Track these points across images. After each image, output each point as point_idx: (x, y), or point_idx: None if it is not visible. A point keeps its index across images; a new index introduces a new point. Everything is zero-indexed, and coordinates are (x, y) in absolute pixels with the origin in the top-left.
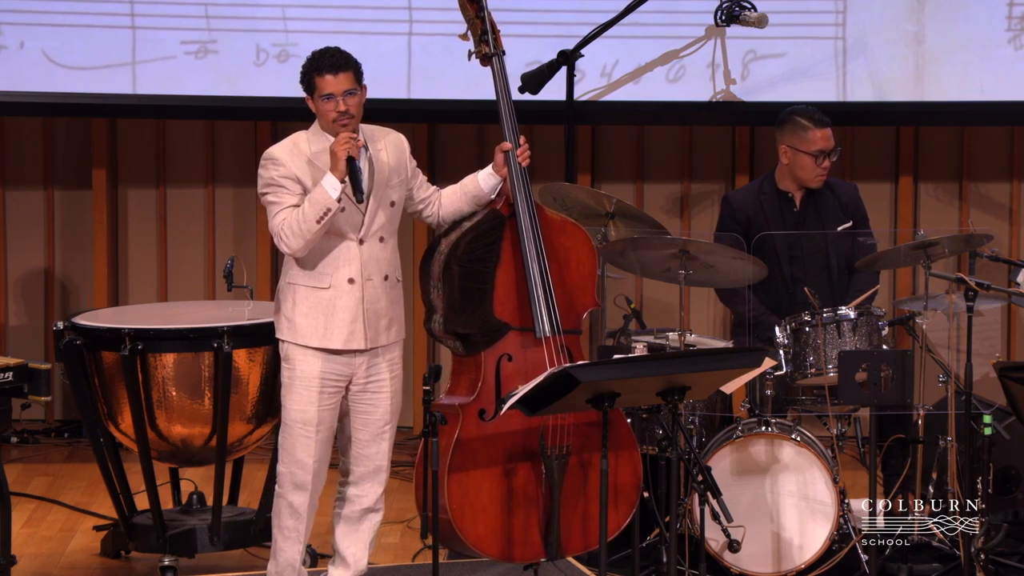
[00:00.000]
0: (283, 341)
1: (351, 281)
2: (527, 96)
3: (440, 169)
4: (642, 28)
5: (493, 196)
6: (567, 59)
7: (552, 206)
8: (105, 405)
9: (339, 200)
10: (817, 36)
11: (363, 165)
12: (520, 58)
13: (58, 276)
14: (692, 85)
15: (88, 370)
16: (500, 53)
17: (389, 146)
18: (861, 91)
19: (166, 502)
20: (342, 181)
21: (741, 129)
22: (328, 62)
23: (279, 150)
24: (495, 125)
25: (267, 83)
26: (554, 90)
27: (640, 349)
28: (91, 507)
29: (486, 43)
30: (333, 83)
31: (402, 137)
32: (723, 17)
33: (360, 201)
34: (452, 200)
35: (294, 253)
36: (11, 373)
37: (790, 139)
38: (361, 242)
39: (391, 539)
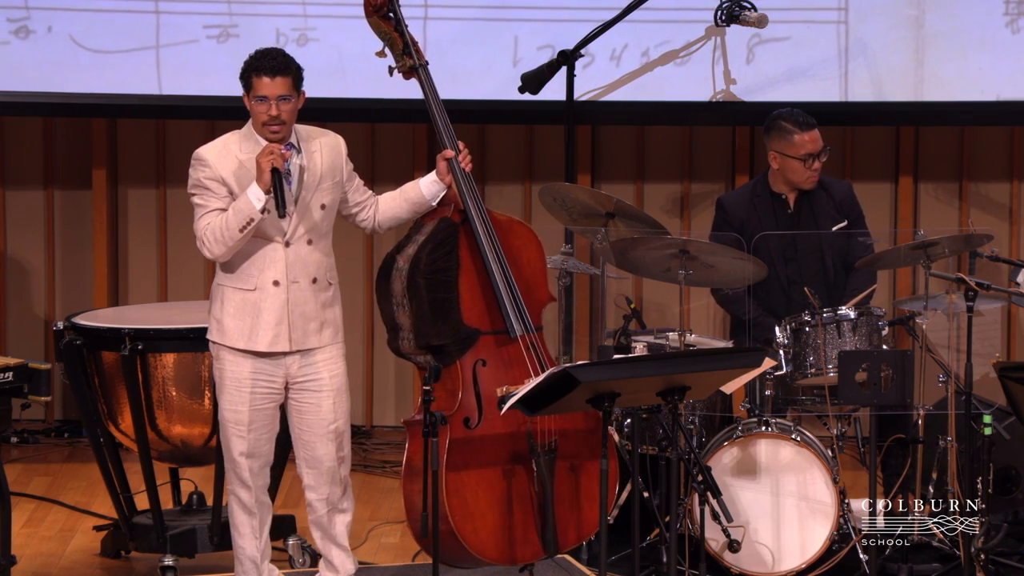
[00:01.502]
0: (212, 342)
1: (276, 283)
2: (527, 96)
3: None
4: (644, 19)
5: (434, 204)
6: (567, 59)
7: (552, 206)
8: (105, 405)
9: (263, 211)
10: (819, 20)
11: (293, 167)
12: (531, 41)
13: (58, 276)
14: (692, 85)
15: (88, 370)
16: (424, 64)
17: (324, 148)
18: (861, 90)
19: (166, 502)
20: (267, 193)
21: (741, 129)
22: (267, 64)
23: (208, 151)
24: (495, 124)
25: None
26: (554, 90)
27: (640, 349)
28: (91, 507)
29: (409, 55)
30: (269, 86)
31: (339, 139)
32: (723, 17)
33: (282, 216)
34: (391, 206)
35: (216, 259)
36: (11, 373)
37: (777, 144)
38: (287, 244)
39: (391, 539)
